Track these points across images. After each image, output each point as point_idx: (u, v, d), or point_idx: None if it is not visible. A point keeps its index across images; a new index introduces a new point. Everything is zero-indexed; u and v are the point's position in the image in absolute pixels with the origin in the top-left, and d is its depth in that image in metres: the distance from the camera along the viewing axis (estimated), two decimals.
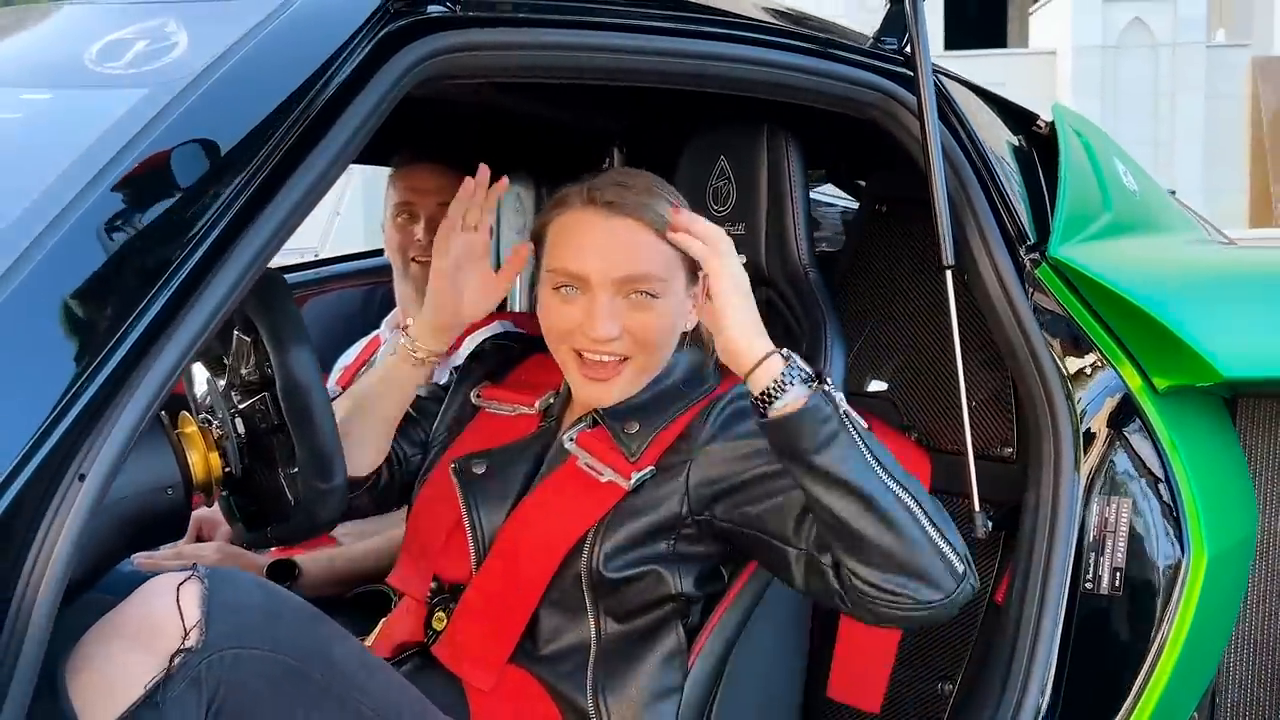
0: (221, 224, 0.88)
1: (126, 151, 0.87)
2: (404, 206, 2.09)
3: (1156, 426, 1.43)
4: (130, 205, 0.86)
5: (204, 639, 1.01)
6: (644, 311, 1.27)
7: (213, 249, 0.88)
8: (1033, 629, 1.38)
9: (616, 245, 1.26)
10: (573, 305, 1.27)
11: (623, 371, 1.28)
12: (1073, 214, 1.53)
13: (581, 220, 1.28)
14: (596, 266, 1.26)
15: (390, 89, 1.06)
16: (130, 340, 0.83)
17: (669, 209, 1.28)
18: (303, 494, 1.17)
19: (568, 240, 1.28)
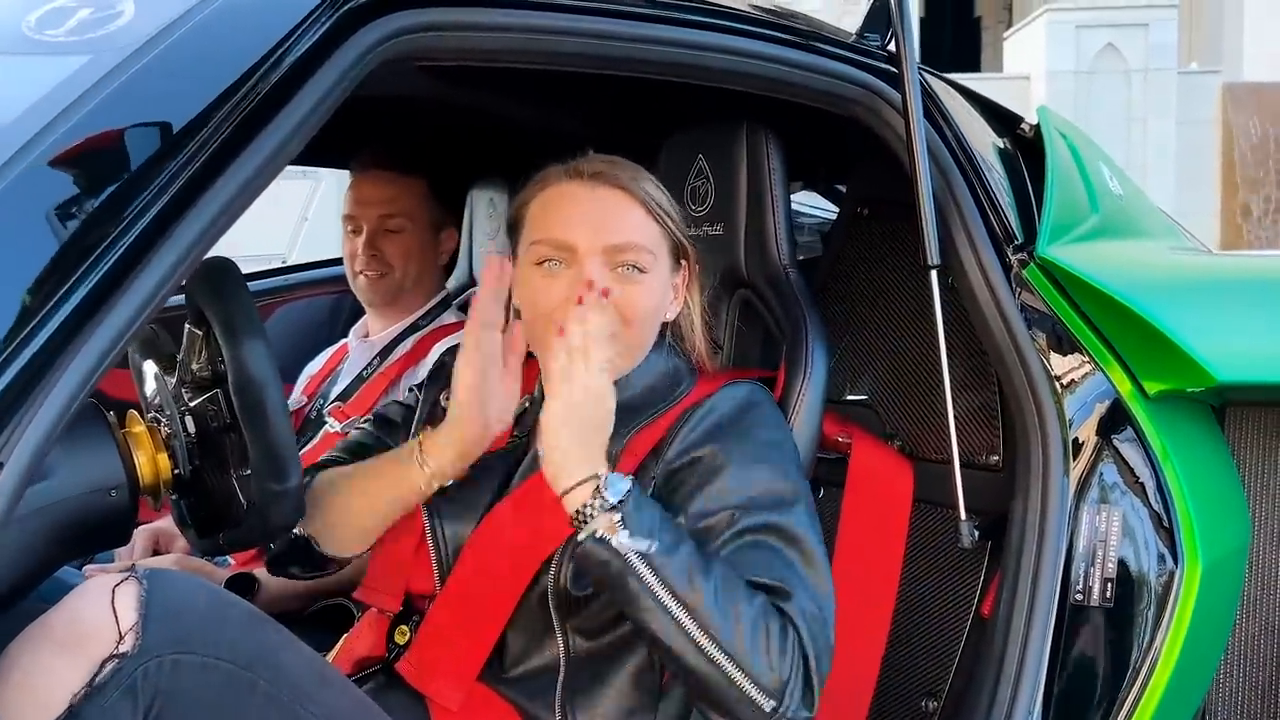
0: (161, 203, 0.82)
1: (60, 120, 0.81)
2: (349, 220, 2.04)
3: (1148, 432, 1.39)
4: (61, 178, 0.80)
5: (140, 644, 0.95)
6: (632, 285, 1.23)
7: (151, 229, 0.81)
8: (1021, 642, 1.33)
9: (605, 213, 1.23)
10: (557, 279, 1.22)
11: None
12: (1060, 215, 1.49)
13: (566, 192, 1.25)
14: (585, 234, 1.21)
15: (350, 68, 1.01)
16: (56, 322, 0.76)
17: (657, 191, 1.26)
18: (256, 496, 1.10)
19: (552, 212, 1.24)
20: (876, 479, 1.57)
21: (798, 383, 1.37)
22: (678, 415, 1.25)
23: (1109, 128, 12.25)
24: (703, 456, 1.21)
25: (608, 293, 1.17)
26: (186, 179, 0.84)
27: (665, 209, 1.27)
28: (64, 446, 1.07)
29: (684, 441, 1.22)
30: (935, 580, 1.55)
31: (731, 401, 1.26)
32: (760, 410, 1.27)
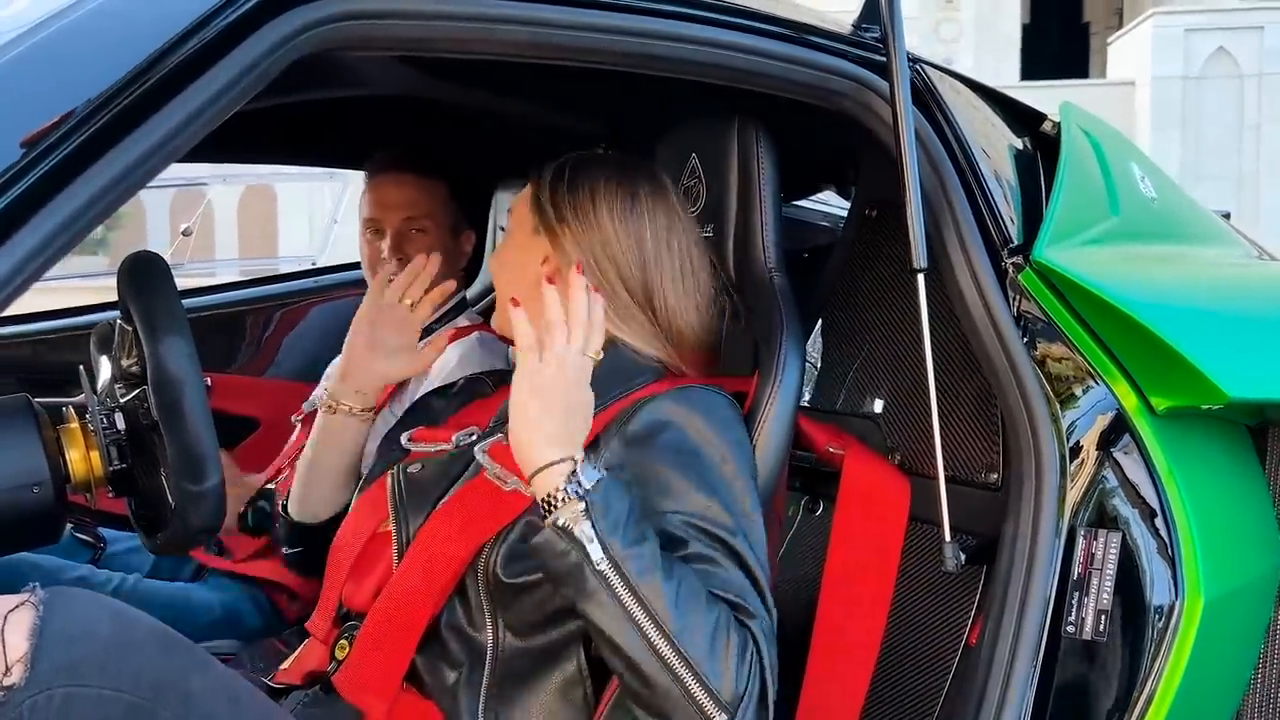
0: (23, 184, 0.79)
1: None
2: (370, 223, 2.02)
3: (1153, 451, 1.27)
4: None
5: (28, 675, 0.91)
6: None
7: (12, 208, 0.79)
8: (1004, 674, 1.23)
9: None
10: None
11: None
12: (1068, 215, 1.39)
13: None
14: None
15: (263, 57, 0.97)
16: None
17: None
18: (175, 497, 1.08)
19: None
20: (871, 495, 1.48)
21: (767, 389, 1.29)
22: (622, 409, 1.20)
23: (1219, 135, 11.75)
24: (640, 459, 1.16)
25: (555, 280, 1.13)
26: (48, 168, 0.81)
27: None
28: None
29: (624, 435, 1.18)
30: (929, 603, 1.45)
31: (680, 405, 1.19)
32: (711, 418, 1.20)
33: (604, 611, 1.02)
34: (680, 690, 1.01)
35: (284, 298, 2.58)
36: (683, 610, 1.02)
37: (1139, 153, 1.75)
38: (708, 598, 1.05)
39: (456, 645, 1.20)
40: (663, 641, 1.01)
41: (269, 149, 2.32)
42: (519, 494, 1.18)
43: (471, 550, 1.18)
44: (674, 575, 1.04)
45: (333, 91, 1.79)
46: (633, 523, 1.05)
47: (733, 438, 1.19)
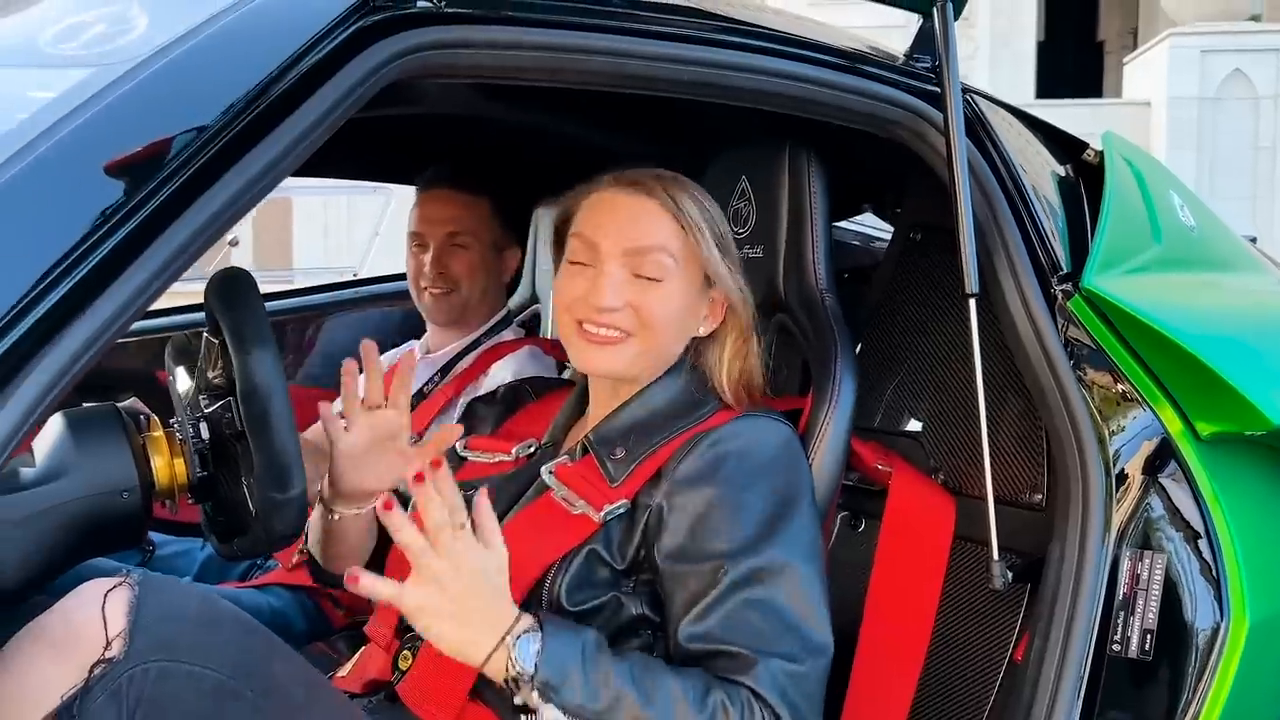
0: (150, 207, 0.84)
1: (57, 127, 0.84)
2: (415, 237, 2.07)
3: (1198, 476, 1.31)
4: (50, 181, 0.82)
5: (127, 649, 0.96)
6: (649, 292, 1.26)
7: (137, 232, 0.83)
8: (1050, 692, 1.26)
9: (629, 219, 1.27)
10: (581, 277, 1.27)
11: (624, 345, 1.26)
12: (1114, 244, 1.42)
13: (604, 197, 1.30)
14: (607, 235, 1.26)
15: (359, 84, 1.01)
16: (35, 317, 0.78)
17: (695, 207, 1.28)
18: (259, 504, 1.12)
19: (588, 214, 1.30)
20: (916, 513, 1.51)
21: (823, 411, 1.33)
22: (686, 440, 1.24)
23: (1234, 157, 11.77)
24: (699, 494, 1.19)
25: (439, 464, 1.06)
26: (173, 189, 0.85)
27: (698, 224, 1.28)
28: (80, 448, 1.11)
29: (685, 470, 1.21)
30: (973, 622, 1.48)
31: (742, 439, 1.23)
32: (771, 451, 1.23)
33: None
34: None
35: (321, 308, 2.62)
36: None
37: (1178, 181, 1.78)
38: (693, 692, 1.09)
39: None
40: None
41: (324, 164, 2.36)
42: (587, 518, 1.21)
43: (539, 571, 1.20)
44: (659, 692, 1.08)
45: (392, 109, 1.83)
46: (590, 670, 1.08)
47: (795, 471, 1.23)
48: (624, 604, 1.21)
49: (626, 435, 1.26)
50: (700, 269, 1.28)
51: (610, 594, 1.20)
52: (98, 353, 0.83)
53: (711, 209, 1.31)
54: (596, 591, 1.19)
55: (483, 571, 1.06)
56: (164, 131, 0.88)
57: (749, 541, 1.15)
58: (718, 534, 1.16)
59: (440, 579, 1.03)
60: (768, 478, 1.20)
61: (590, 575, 1.20)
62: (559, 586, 1.18)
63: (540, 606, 1.19)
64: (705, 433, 1.23)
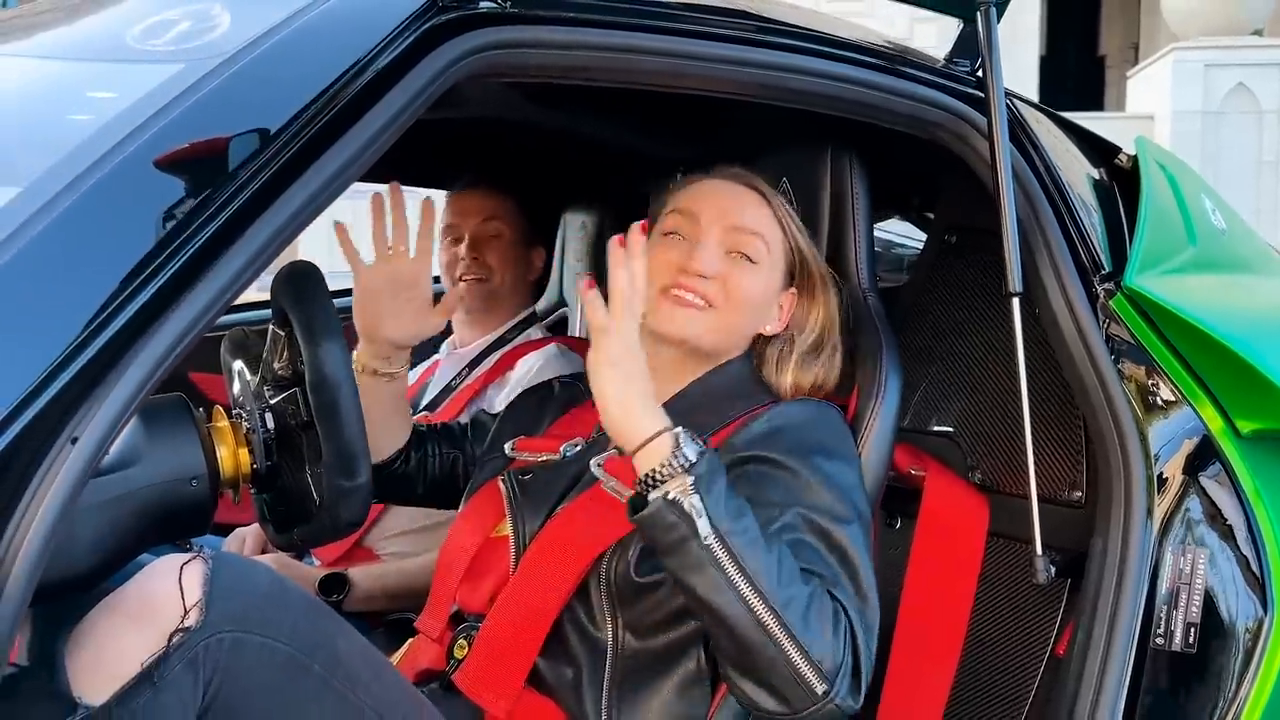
0: (236, 204, 0.86)
1: (151, 123, 0.86)
2: (450, 229, 2.12)
3: (1239, 472, 1.33)
4: (145, 177, 0.84)
5: (203, 619, 0.99)
6: (740, 270, 1.30)
7: (224, 229, 0.86)
8: (1095, 685, 1.28)
9: (733, 199, 1.34)
10: (676, 247, 1.30)
11: (706, 313, 1.28)
12: (1153, 245, 1.45)
13: (707, 183, 1.38)
14: (711, 207, 1.32)
15: (429, 83, 1.04)
16: (132, 310, 0.81)
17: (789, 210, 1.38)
18: (326, 493, 1.14)
19: (690, 193, 1.36)
20: (950, 514, 1.54)
21: (869, 409, 1.35)
22: (742, 423, 1.26)
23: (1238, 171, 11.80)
24: (769, 457, 1.20)
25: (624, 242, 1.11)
26: (260, 184, 0.88)
27: (792, 219, 1.38)
28: (150, 436, 1.13)
29: (742, 440, 1.23)
30: (1012, 618, 1.51)
31: (798, 415, 1.27)
32: (830, 427, 1.27)
33: (708, 582, 1.04)
34: (786, 663, 1.04)
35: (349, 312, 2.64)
36: (785, 585, 1.05)
37: (1207, 186, 1.81)
38: (802, 573, 1.09)
39: (577, 644, 1.23)
40: (766, 612, 1.03)
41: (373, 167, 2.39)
42: None
43: (594, 554, 1.22)
44: (773, 549, 1.07)
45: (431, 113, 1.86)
46: (733, 496, 1.08)
47: (849, 446, 1.26)
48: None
49: (681, 417, 1.27)
50: (786, 268, 1.35)
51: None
52: (188, 347, 0.85)
53: (794, 214, 1.40)
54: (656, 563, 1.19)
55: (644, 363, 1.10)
56: (246, 130, 0.91)
57: (808, 500, 1.16)
58: (776, 490, 1.17)
59: (627, 342, 1.08)
60: (824, 448, 1.23)
61: (647, 559, 1.20)
62: (619, 564, 1.20)
63: (600, 583, 1.21)
64: (757, 415, 1.26)
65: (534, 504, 1.32)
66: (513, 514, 1.32)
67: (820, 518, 1.16)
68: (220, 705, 1.00)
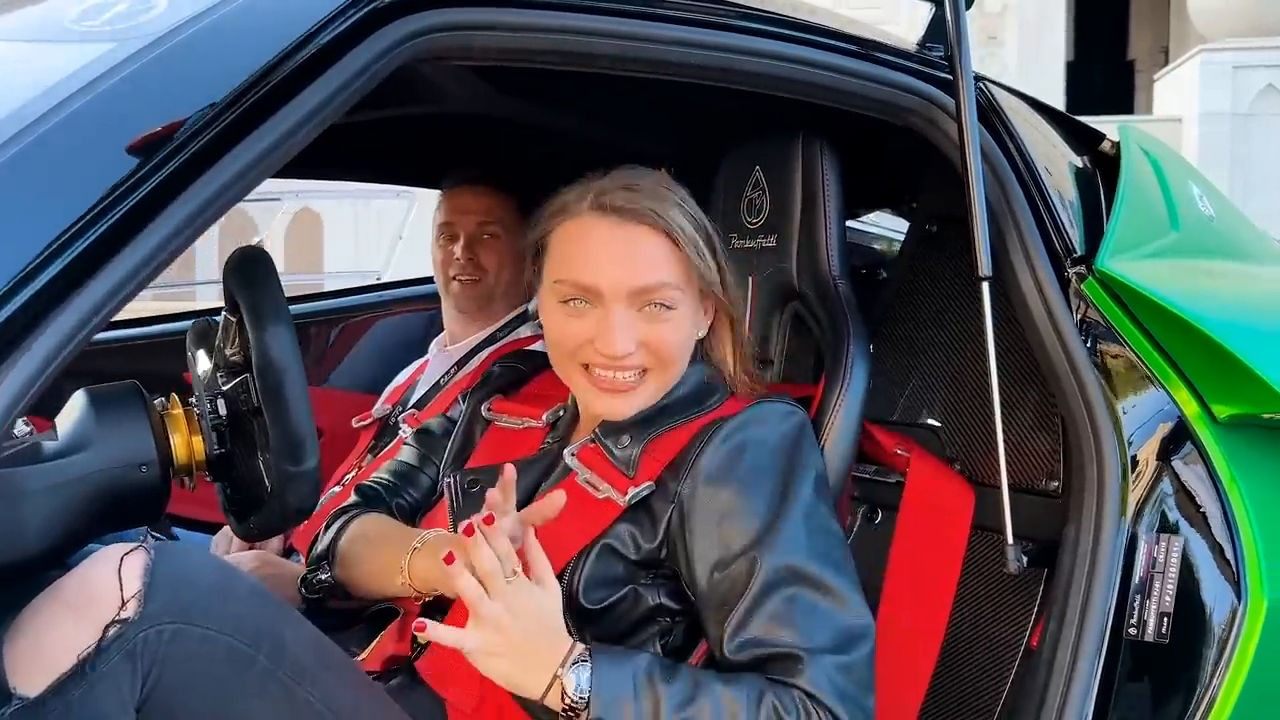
0: (154, 180, 0.86)
1: (74, 99, 0.86)
2: (445, 227, 2.11)
3: (1214, 458, 1.30)
4: (63, 153, 0.84)
5: (142, 610, 0.98)
6: (660, 324, 1.20)
7: (143, 204, 0.85)
8: (1066, 675, 1.25)
9: (627, 255, 1.19)
10: (583, 319, 1.20)
11: (643, 383, 1.22)
12: (1130, 228, 1.42)
13: (589, 228, 1.20)
14: (610, 278, 1.18)
15: (370, 65, 1.03)
16: (45, 280, 0.80)
17: (681, 216, 1.22)
18: (275, 478, 1.14)
19: (575, 250, 1.21)
20: (935, 499, 1.51)
21: (834, 396, 1.34)
22: (702, 427, 1.23)
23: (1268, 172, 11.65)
24: (723, 490, 1.18)
25: (490, 520, 1.07)
26: (180, 163, 0.87)
27: (692, 236, 1.22)
28: (101, 422, 1.13)
29: (707, 463, 1.20)
30: (990, 609, 1.48)
31: (760, 427, 1.22)
32: (788, 439, 1.23)
33: None
34: None
35: (348, 311, 2.66)
36: None
37: (1197, 173, 1.78)
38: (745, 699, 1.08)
39: None
40: None
41: (352, 165, 2.40)
42: (611, 502, 1.20)
43: (562, 561, 1.19)
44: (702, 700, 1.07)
45: (411, 108, 1.86)
46: (642, 690, 1.07)
47: (812, 449, 1.23)
48: (641, 595, 1.20)
49: (631, 425, 1.25)
50: (698, 281, 1.23)
51: (627, 587, 1.20)
52: (104, 319, 0.84)
53: (690, 205, 1.24)
54: (613, 589, 1.19)
55: (538, 611, 1.07)
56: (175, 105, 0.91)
57: (776, 538, 1.14)
58: (745, 533, 1.14)
59: (497, 623, 1.04)
60: (786, 466, 1.20)
61: (607, 573, 1.19)
62: (576, 585, 1.18)
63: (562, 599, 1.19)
64: (721, 420, 1.22)
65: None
66: (454, 524, 1.28)
67: (792, 556, 1.14)
68: (159, 697, 0.99)
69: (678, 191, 1.26)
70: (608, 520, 1.21)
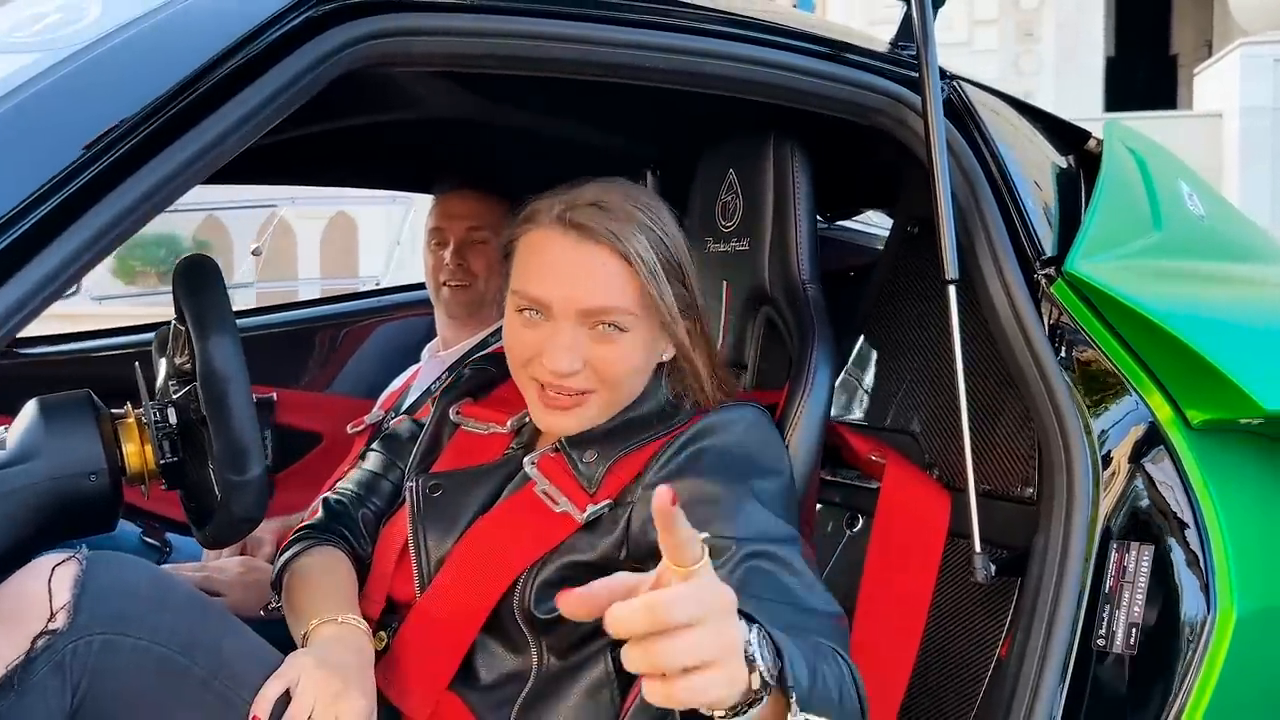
0: (70, 188, 0.86)
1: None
2: (435, 233, 2.11)
3: (1187, 464, 1.26)
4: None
5: (71, 621, 0.98)
6: (608, 345, 1.19)
7: (57, 211, 0.85)
8: (1031, 686, 1.22)
9: (580, 275, 1.17)
10: (535, 331, 1.20)
11: (585, 403, 1.20)
12: (1106, 229, 1.39)
13: (549, 241, 1.19)
14: (560, 294, 1.17)
15: (307, 71, 1.03)
16: None
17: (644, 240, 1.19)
18: (220, 488, 1.14)
19: (533, 261, 1.20)
20: (910, 503, 1.48)
21: (796, 400, 1.32)
22: (668, 440, 1.22)
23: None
24: (681, 482, 1.14)
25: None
26: (99, 170, 0.87)
27: (651, 264, 1.18)
28: (49, 432, 1.14)
29: (664, 466, 1.18)
30: (963, 618, 1.45)
31: (720, 433, 1.20)
32: (745, 446, 1.21)
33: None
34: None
35: (349, 317, 2.67)
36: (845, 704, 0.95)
37: (1189, 172, 1.73)
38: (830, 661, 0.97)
39: (502, 657, 1.21)
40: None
41: (339, 172, 2.41)
42: (568, 516, 1.19)
43: (511, 578, 1.18)
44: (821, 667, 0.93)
45: (391, 114, 1.86)
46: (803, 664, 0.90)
47: (777, 450, 1.21)
48: None
49: (597, 440, 1.24)
50: (655, 307, 1.19)
51: None
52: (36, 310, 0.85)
53: (661, 228, 1.21)
54: None
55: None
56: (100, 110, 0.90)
57: (736, 519, 1.11)
58: (722, 517, 1.10)
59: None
60: (744, 470, 1.18)
61: (560, 583, 1.18)
62: (530, 592, 1.17)
63: (515, 611, 1.19)
64: (680, 434, 1.21)
65: (443, 522, 1.28)
66: (414, 529, 1.28)
67: (770, 542, 1.09)
68: (89, 708, 0.99)
69: (653, 212, 1.22)
70: (563, 534, 1.20)
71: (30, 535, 1.12)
